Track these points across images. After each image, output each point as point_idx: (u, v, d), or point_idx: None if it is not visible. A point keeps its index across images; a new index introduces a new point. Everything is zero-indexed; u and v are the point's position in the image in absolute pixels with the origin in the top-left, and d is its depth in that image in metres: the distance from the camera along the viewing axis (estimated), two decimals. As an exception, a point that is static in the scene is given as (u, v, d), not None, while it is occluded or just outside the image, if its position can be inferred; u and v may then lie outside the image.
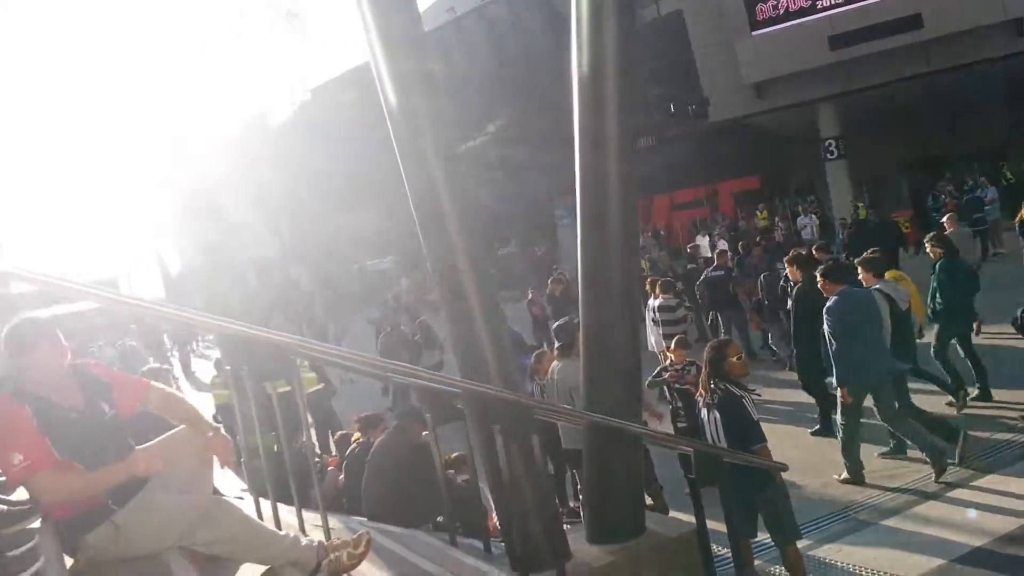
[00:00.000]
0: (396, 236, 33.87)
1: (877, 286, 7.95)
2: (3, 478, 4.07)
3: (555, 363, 7.38)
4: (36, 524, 3.76)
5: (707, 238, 25.66)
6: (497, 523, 5.12)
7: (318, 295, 33.40)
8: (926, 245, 9.49)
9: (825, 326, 7.24)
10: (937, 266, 8.94)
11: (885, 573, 5.29)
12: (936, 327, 8.94)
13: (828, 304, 7.30)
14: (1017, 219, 12.20)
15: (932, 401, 8.54)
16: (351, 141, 34.85)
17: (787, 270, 9.92)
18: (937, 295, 8.84)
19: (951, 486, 6.63)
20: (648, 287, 11.59)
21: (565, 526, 5.00)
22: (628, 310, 4.95)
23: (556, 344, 7.51)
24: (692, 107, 26.93)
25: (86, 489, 3.24)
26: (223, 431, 3.75)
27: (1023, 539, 5.41)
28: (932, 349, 8.95)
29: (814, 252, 12.42)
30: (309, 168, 33.46)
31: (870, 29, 24.51)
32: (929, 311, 8.98)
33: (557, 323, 8.13)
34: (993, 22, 23.51)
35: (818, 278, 7.65)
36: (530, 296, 17.16)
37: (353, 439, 7.78)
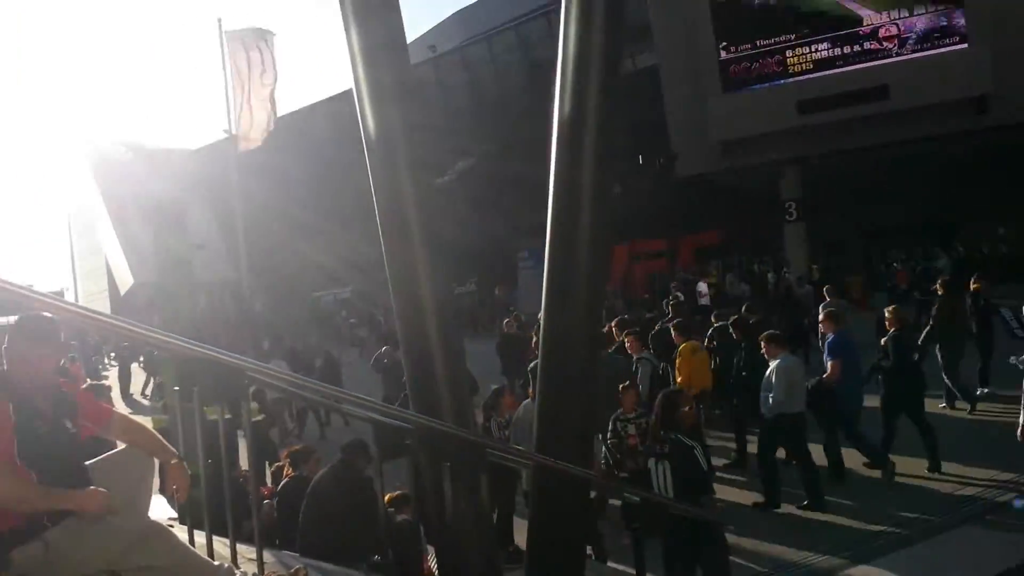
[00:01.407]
0: (355, 267, 33.68)
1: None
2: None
3: (527, 402, 7.34)
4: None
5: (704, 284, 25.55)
6: (434, 566, 5.05)
7: (278, 320, 32.96)
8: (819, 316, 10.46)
9: None
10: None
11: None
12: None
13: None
14: (970, 290, 12.46)
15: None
16: (316, 170, 34.76)
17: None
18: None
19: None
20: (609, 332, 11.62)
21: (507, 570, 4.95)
22: (589, 356, 4.96)
23: (531, 385, 7.45)
24: (660, 160, 27.36)
25: (33, 503, 3.10)
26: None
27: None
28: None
29: (743, 311, 12.67)
30: (274, 193, 33.32)
31: (838, 97, 25.22)
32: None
33: (534, 363, 8.06)
34: (956, 98, 24.33)
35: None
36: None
37: (285, 473, 7.55)
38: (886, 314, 9.73)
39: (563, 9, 4.49)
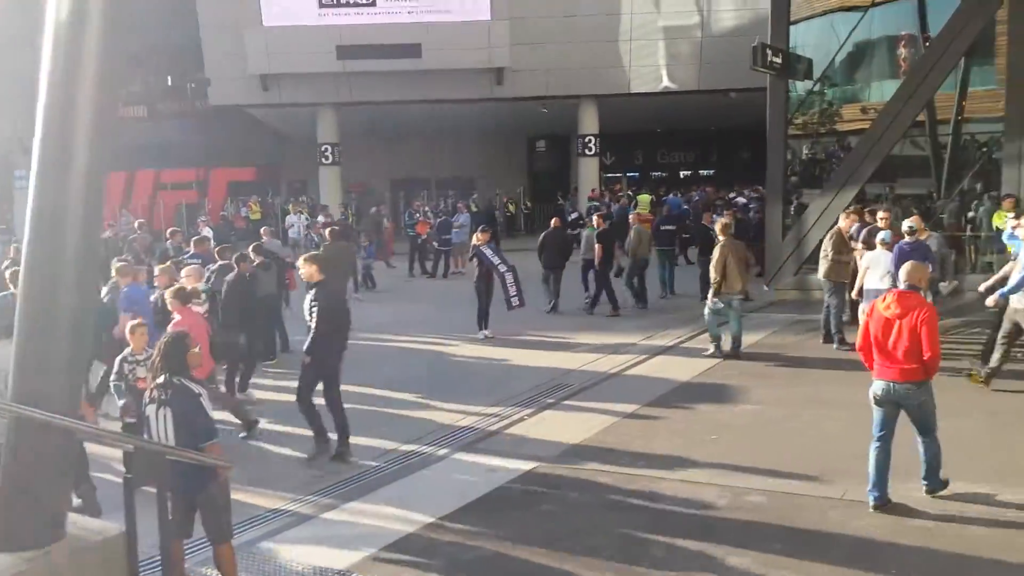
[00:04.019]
0: None
1: None
2: None
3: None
4: None
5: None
6: None
7: None
8: None
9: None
10: None
11: (313, 567, 5.53)
12: None
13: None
14: (473, 243, 13.84)
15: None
16: None
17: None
18: None
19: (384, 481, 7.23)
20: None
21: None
22: (80, 289, 4.48)
23: None
24: (192, 85, 25.74)
25: None
26: None
27: (446, 526, 6.11)
28: None
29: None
30: None
31: (376, 47, 25.98)
32: None
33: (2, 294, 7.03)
34: (479, 67, 26.60)
35: None
36: None
37: None
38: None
39: None
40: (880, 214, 11.56)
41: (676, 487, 6.68)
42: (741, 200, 24.15)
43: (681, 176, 36.61)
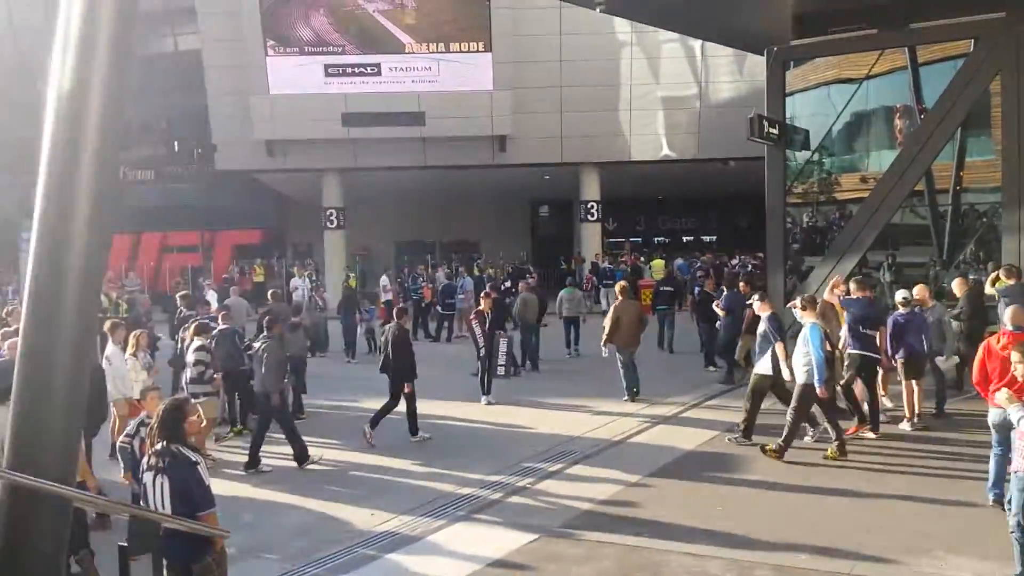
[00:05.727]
0: None
1: None
2: None
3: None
4: None
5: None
6: None
7: None
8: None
9: None
10: None
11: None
12: None
13: None
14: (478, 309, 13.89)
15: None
16: None
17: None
18: None
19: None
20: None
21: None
22: (78, 355, 4.43)
23: None
24: (198, 150, 25.97)
25: None
26: None
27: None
28: None
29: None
30: None
31: (380, 115, 26.33)
32: None
33: (-1, 361, 7.01)
34: (482, 135, 26.95)
35: None
36: None
37: None
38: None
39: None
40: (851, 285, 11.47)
41: (682, 559, 6.54)
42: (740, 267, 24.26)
43: (684, 241, 36.85)
